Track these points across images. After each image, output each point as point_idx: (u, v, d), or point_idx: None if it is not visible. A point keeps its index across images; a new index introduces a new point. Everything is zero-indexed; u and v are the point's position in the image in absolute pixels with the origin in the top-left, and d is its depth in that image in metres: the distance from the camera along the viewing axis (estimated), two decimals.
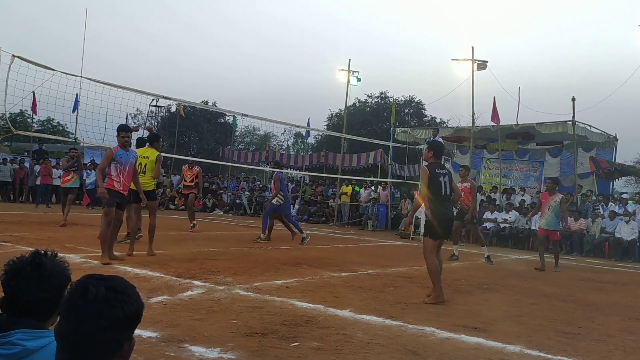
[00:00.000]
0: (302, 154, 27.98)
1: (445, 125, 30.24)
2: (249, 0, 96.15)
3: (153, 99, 23.79)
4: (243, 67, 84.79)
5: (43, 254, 1.80)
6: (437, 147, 6.78)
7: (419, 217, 15.67)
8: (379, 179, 20.58)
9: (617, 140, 19.18)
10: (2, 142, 26.06)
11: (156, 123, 38.49)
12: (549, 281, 8.77)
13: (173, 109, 33.47)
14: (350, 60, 21.37)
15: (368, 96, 35.55)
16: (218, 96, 77.49)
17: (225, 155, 27.16)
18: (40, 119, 35.05)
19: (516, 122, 18.65)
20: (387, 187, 20.52)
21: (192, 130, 37.52)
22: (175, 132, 31.42)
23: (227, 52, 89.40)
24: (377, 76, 71.32)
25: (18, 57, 7.10)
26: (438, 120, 34.14)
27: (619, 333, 5.21)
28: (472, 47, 18.40)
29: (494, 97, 17.82)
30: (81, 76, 8.28)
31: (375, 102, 35.92)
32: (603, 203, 16.19)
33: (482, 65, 18.47)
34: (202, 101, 34.40)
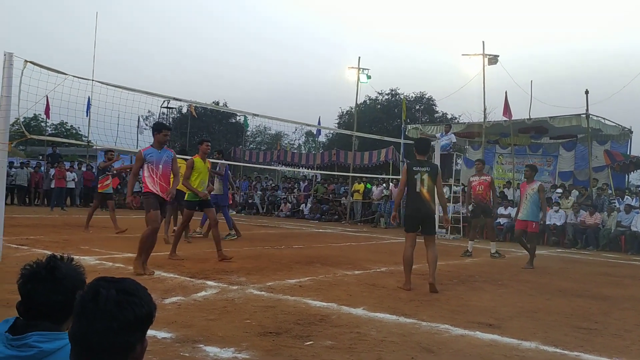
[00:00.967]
0: (314, 153, 27.97)
1: (456, 121, 30.08)
2: (258, 1, 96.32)
3: (164, 101, 23.93)
4: (253, 68, 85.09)
5: (58, 258, 1.83)
6: (417, 144, 7.36)
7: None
8: (391, 176, 20.53)
9: (632, 132, 18.97)
10: (17, 147, 26.33)
11: (168, 125, 38.77)
12: (565, 276, 8.69)
13: (184, 111, 33.74)
14: (360, 57, 21.31)
15: (378, 93, 35.53)
16: (229, 97, 77.80)
17: (237, 155, 27.25)
18: (53, 123, 35.52)
19: (529, 117, 18.49)
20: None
21: (204, 131, 37.69)
22: (187, 133, 31.59)
23: (237, 53, 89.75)
24: (387, 73, 71.17)
25: (30, 62, 7.16)
26: (449, 116, 34.03)
27: (636, 327, 5.15)
28: (483, 42, 18.26)
29: (506, 92, 17.67)
30: (92, 79, 8.34)
31: (385, 100, 35.87)
32: (619, 196, 16.02)
33: (493, 59, 18.31)
34: (213, 102, 34.59)
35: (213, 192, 11.01)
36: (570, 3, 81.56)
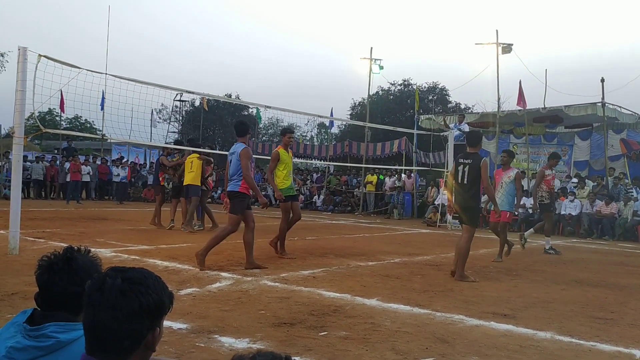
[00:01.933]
0: (326, 144, 27.94)
1: (470, 111, 29.84)
2: None
3: (177, 94, 23.99)
4: (265, 59, 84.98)
5: (75, 250, 1.85)
6: (467, 136, 7.55)
7: (445, 205, 15.58)
8: (404, 167, 20.45)
9: None
10: (32, 141, 26.61)
11: (180, 117, 38.94)
12: (580, 266, 8.63)
13: (197, 103, 33.82)
14: (372, 48, 21.19)
15: (391, 84, 35.29)
16: (241, 89, 77.88)
17: (249, 147, 27.29)
18: (68, 117, 35.82)
19: (543, 106, 18.30)
20: (413, 175, 20.39)
21: (217, 123, 37.84)
22: (199, 126, 31.71)
23: (249, 45, 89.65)
24: (400, 64, 70.74)
25: (44, 57, 7.21)
26: (463, 106, 33.73)
27: None
28: (497, 31, 18.06)
29: (520, 81, 17.47)
30: (106, 73, 8.38)
31: (398, 90, 35.62)
32: (636, 186, 15.83)
33: (507, 48, 18.09)
34: (225, 94, 34.65)
35: (186, 183, 11.03)
36: None
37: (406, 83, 35.56)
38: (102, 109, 11.74)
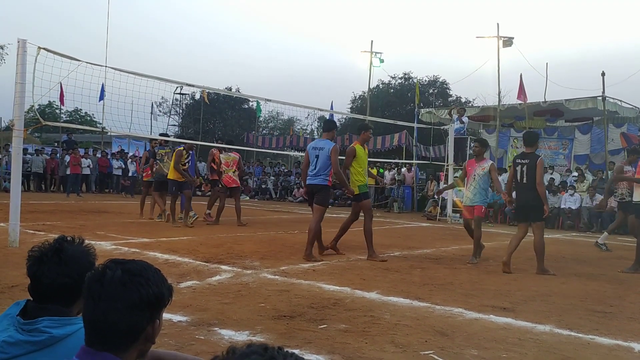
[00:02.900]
0: None
1: (471, 104, 29.79)
2: None
3: (177, 87, 23.96)
4: (265, 53, 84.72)
5: (66, 240, 1.82)
6: (523, 136, 7.92)
7: (445, 198, 15.58)
8: (404, 161, 20.43)
9: None
10: (32, 134, 26.61)
11: (181, 110, 38.89)
12: (580, 260, 8.64)
13: (197, 96, 33.76)
14: (372, 41, 21.17)
15: (391, 77, 35.23)
16: (241, 82, 77.62)
17: (249, 140, 27.26)
18: (68, 110, 35.75)
19: (544, 99, 18.26)
20: (413, 169, 20.39)
21: (217, 116, 37.79)
22: (200, 119, 31.68)
23: (249, 38, 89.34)
24: (401, 57, 70.49)
25: (44, 49, 7.18)
26: (463, 99, 33.70)
27: None
28: (498, 24, 18.03)
29: (521, 74, 17.46)
30: (106, 66, 8.36)
31: (398, 84, 35.56)
32: None
33: (508, 42, 18.06)
34: (226, 87, 34.56)
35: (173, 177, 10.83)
36: None
37: (407, 76, 35.52)
38: (102, 100, 11.67)
